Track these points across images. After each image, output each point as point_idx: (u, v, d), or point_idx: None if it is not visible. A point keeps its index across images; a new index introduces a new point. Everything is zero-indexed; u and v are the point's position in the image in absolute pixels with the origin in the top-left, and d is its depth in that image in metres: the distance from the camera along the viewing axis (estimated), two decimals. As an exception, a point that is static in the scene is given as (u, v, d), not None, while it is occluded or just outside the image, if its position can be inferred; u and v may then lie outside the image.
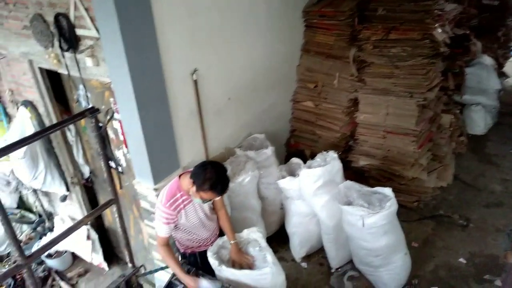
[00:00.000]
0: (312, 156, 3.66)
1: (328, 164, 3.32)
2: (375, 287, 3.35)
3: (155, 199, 2.93)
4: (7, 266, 3.99)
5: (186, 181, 2.38)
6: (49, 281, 3.85)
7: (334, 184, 3.30)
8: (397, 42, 3.82)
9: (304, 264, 3.68)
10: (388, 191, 3.08)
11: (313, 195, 3.29)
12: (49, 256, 3.99)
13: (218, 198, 2.56)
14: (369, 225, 2.95)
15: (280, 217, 3.86)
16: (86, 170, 3.74)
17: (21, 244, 4.12)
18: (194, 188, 2.30)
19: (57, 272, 3.99)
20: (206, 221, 2.59)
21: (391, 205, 2.96)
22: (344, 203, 3.13)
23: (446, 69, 4.48)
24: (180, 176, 2.47)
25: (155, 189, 2.90)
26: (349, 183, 3.24)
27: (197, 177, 2.29)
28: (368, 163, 4.10)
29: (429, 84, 3.87)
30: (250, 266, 2.58)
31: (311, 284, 3.48)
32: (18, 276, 3.83)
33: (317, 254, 3.75)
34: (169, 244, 2.53)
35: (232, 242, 2.61)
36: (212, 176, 2.27)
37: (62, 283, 3.86)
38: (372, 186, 3.24)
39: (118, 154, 3.21)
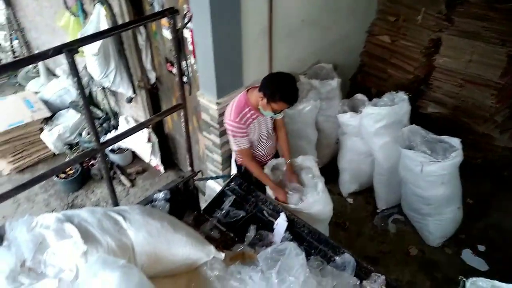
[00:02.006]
0: (378, 95, 3.49)
1: (395, 105, 3.16)
2: (419, 234, 3.35)
3: (216, 113, 2.99)
4: (75, 153, 4.37)
5: (254, 95, 2.39)
6: (111, 173, 4.19)
7: (397, 126, 3.17)
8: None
9: (350, 200, 3.71)
10: (456, 141, 2.92)
11: (373, 134, 3.20)
12: (113, 151, 4.31)
13: (280, 117, 2.63)
14: (427, 173, 2.86)
15: (333, 151, 3.84)
16: (152, 76, 3.84)
17: (87, 137, 4.47)
18: (264, 100, 2.32)
19: (118, 166, 4.33)
20: (266, 138, 2.63)
21: (456, 156, 2.83)
22: (406, 146, 3.02)
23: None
24: (247, 91, 2.47)
25: (217, 103, 2.95)
26: (414, 127, 3.09)
27: (268, 87, 2.30)
28: (437, 111, 3.86)
29: (527, 33, 3.43)
30: (299, 189, 2.64)
31: (355, 219, 3.54)
32: (84, 164, 4.21)
33: (365, 192, 3.75)
34: (253, 157, 2.63)
35: (287, 161, 2.67)
36: (284, 86, 2.27)
37: (122, 177, 4.20)
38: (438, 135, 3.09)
39: (185, 64, 3.24)
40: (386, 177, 3.37)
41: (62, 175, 4.00)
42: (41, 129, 4.35)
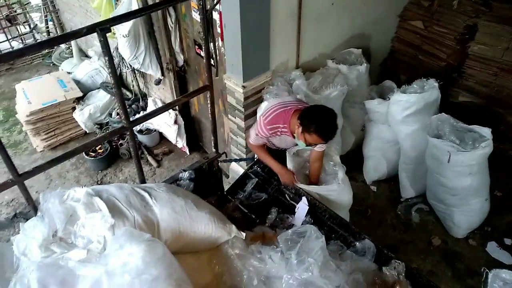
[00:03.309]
0: (408, 82, 3.41)
1: (425, 93, 3.08)
2: (443, 224, 3.29)
3: (242, 96, 3.01)
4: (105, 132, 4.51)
5: (295, 120, 2.30)
6: (139, 153, 4.30)
7: (426, 115, 3.09)
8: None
9: (373, 188, 3.68)
10: (486, 131, 2.83)
11: (400, 122, 3.14)
12: (141, 132, 4.42)
13: (317, 150, 2.45)
14: (455, 162, 2.80)
15: (358, 138, 3.80)
16: (180, 58, 3.88)
17: (117, 117, 4.60)
18: (300, 129, 2.23)
19: (145, 147, 4.44)
20: (290, 144, 2.62)
21: (486, 147, 2.75)
22: (434, 135, 2.95)
23: None
24: (293, 111, 2.37)
25: (243, 86, 2.96)
26: (444, 116, 3.01)
27: (305, 117, 2.21)
28: (468, 100, 3.74)
29: None
30: None
31: (377, 207, 3.51)
32: (113, 144, 4.34)
33: (389, 181, 3.71)
34: (264, 147, 2.62)
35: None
36: (322, 119, 2.18)
37: (149, 157, 4.31)
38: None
39: (213, 46, 3.26)
40: (411, 166, 3.31)
41: (92, 154, 4.14)
42: (73, 108, 4.50)
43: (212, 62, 3.35)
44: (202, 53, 3.43)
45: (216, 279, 1.79)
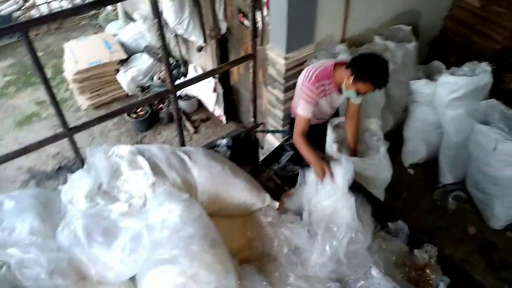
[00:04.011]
0: (458, 64, 3.25)
1: (475, 76, 2.93)
2: (481, 214, 3.20)
3: (283, 68, 2.98)
4: (146, 97, 4.61)
5: (340, 72, 2.30)
6: (175, 117, 4.38)
7: (474, 99, 2.96)
8: None
9: (411, 171, 3.60)
10: (539, 121, 2.68)
11: (446, 105, 3.02)
12: (180, 98, 4.49)
13: (355, 102, 2.47)
14: (501, 151, 2.68)
15: (399, 119, 3.69)
16: (223, 26, 3.86)
17: (158, 81, 4.68)
18: (350, 79, 2.21)
19: (184, 113, 4.52)
20: (326, 115, 2.58)
21: (537, 138, 2.61)
22: (481, 121, 2.83)
23: None
24: (334, 65, 2.37)
25: (285, 58, 2.93)
26: (493, 101, 2.87)
27: (358, 66, 2.19)
28: (523, 86, 3.52)
29: None
30: None
31: (413, 191, 3.45)
32: (154, 107, 4.45)
33: (427, 164, 3.61)
34: (306, 135, 2.46)
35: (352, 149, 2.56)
36: (377, 68, 2.16)
37: (187, 123, 4.40)
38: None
39: (257, 15, 3.22)
40: (453, 151, 3.20)
41: (133, 115, 4.27)
42: (117, 70, 4.61)
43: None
44: (246, 22, 3.41)
45: (247, 244, 1.85)
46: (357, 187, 2.27)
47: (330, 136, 2.57)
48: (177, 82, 4.59)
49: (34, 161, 3.98)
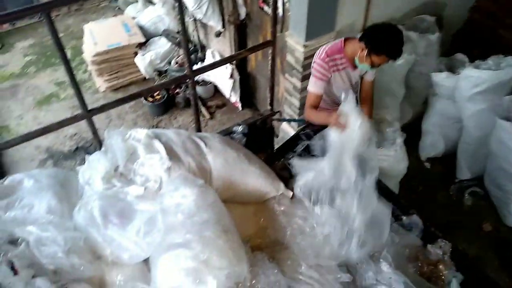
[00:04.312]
0: (482, 57, 3.16)
1: (500, 70, 2.85)
2: (498, 211, 3.14)
3: (302, 55, 2.94)
4: (163, 81, 4.63)
5: (352, 45, 2.28)
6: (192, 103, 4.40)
7: (498, 94, 2.88)
8: None
9: (427, 165, 3.55)
10: None
11: (468, 99, 2.95)
12: (196, 83, 4.49)
13: (368, 79, 2.47)
14: (523, 149, 2.61)
15: (418, 111, 3.63)
16: (242, 12, 3.83)
17: (175, 66, 4.68)
18: (364, 52, 2.19)
19: (200, 98, 4.52)
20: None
21: (562, 136, 2.53)
22: (504, 117, 2.75)
23: None
24: (345, 40, 2.36)
25: (305, 46, 2.88)
26: (518, 97, 2.79)
27: (371, 38, 2.16)
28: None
29: None
30: None
31: (429, 185, 3.40)
32: (170, 92, 4.46)
33: (445, 159, 3.55)
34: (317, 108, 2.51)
35: None
36: (391, 38, 2.13)
37: (203, 109, 4.40)
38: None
39: (278, 1, 3.17)
40: (472, 147, 3.14)
41: (150, 99, 4.30)
42: (135, 53, 4.63)
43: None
44: (266, 8, 3.37)
45: (260, 231, 1.85)
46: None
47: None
48: (195, 67, 4.59)
49: (52, 141, 4.06)
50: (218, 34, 4.15)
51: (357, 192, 1.78)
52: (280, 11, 3.19)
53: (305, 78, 3.06)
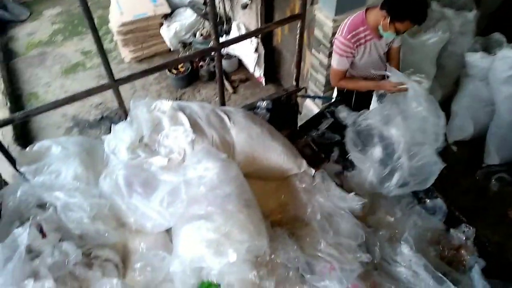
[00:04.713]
0: (521, 37, 3.00)
1: (540, 52, 2.70)
2: (525, 198, 3.05)
3: (330, 30, 2.86)
4: (187, 53, 4.61)
5: (374, 15, 2.21)
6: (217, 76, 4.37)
7: (535, 77, 2.74)
8: None
9: (454, 148, 3.46)
10: None
11: (503, 81, 2.82)
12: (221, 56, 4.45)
13: (396, 45, 2.44)
14: (558, 135, 2.50)
15: (448, 92, 3.50)
16: (270, -17, 3.73)
17: (200, 38, 4.64)
18: (387, 20, 2.12)
19: (223, 72, 4.49)
20: (376, 66, 2.47)
21: None
22: (539, 102, 2.63)
23: None
24: (366, 10, 2.28)
25: (334, 20, 2.80)
26: (557, 81, 2.65)
27: (392, 5, 2.09)
28: None
29: None
30: None
31: (455, 168, 3.31)
32: (194, 64, 4.44)
33: (472, 143, 3.44)
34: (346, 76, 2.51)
35: None
36: (412, 2, 2.06)
37: (226, 82, 4.37)
38: None
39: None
40: (503, 132, 3.02)
41: (174, 71, 4.29)
42: (161, 24, 4.60)
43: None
44: (295, -20, 3.27)
45: (280, 207, 1.85)
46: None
47: (374, 105, 2.48)
48: (221, 40, 4.54)
49: (78, 109, 4.14)
50: (245, 6, 4.07)
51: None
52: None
53: (332, 54, 2.98)
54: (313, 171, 1.95)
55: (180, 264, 1.40)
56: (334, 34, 2.84)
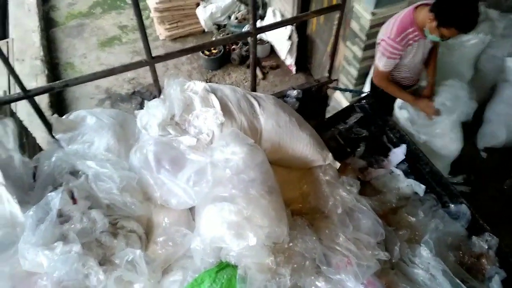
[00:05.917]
0: None
1: None
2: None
3: (368, 23, 2.81)
4: (221, 35, 4.62)
5: (423, 15, 2.15)
6: (248, 62, 4.37)
7: None
8: None
9: (484, 154, 3.37)
10: None
11: (543, 90, 2.72)
12: (254, 41, 4.44)
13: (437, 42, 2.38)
14: None
15: (483, 96, 3.38)
16: (311, -29, 3.68)
17: (235, 21, 4.63)
18: (434, 23, 2.07)
19: (255, 57, 4.48)
20: (419, 63, 2.44)
21: None
22: None
23: None
24: (415, 8, 2.22)
25: (372, 13, 2.75)
26: None
27: (442, 10, 2.02)
28: None
29: None
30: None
31: (482, 175, 3.24)
32: (227, 47, 4.45)
33: (503, 151, 3.35)
34: (390, 79, 2.50)
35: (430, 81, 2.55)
36: (462, 11, 1.98)
37: (257, 68, 4.37)
38: None
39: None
40: (538, 142, 2.93)
41: (207, 53, 4.32)
42: (197, 4, 4.62)
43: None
44: (336, -32, 3.20)
45: (301, 197, 1.87)
46: (424, 163, 2.18)
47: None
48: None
49: (111, 82, 4.23)
50: (282, -8, 4.02)
51: None
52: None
53: (368, 47, 2.93)
54: (338, 164, 1.95)
55: (201, 242, 1.45)
56: (371, 27, 2.80)
